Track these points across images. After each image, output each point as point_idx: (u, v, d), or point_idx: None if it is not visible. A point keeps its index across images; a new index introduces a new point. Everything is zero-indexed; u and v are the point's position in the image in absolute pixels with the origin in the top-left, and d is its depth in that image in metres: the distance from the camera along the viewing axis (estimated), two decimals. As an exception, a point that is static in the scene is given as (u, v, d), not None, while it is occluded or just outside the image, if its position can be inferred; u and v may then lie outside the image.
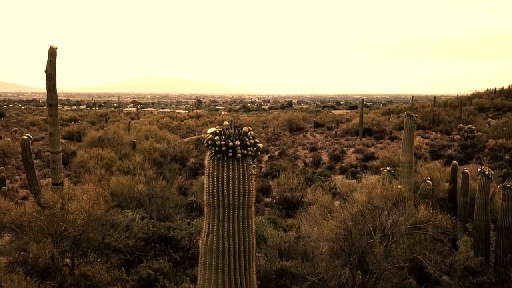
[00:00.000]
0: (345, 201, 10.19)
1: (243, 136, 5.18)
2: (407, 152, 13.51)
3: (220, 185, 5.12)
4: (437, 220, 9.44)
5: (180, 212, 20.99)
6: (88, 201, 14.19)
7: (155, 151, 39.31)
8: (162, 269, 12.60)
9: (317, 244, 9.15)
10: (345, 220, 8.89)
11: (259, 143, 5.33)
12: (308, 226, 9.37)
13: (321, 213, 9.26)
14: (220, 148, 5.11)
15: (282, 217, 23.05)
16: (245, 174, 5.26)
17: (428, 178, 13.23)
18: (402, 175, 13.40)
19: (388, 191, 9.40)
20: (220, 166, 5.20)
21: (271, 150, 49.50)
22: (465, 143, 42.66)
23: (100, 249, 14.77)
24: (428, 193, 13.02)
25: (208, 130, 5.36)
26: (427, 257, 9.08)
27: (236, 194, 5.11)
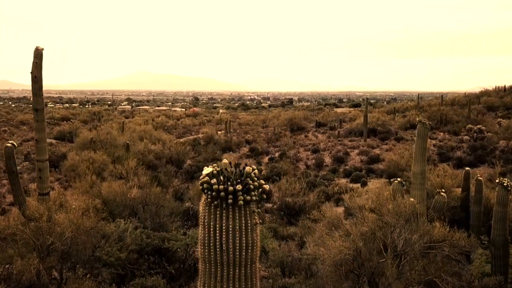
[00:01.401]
0: (353, 216, 9.73)
1: (245, 177, 4.62)
2: (419, 162, 13.07)
3: (218, 237, 4.48)
4: (454, 239, 9.00)
5: (175, 220, 20.54)
6: (76, 213, 13.73)
7: (149, 153, 38.87)
8: (156, 287, 12.15)
9: (324, 266, 8.70)
10: (354, 240, 8.44)
11: (265, 184, 4.75)
12: (314, 245, 8.94)
13: (328, 231, 8.82)
14: (217, 193, 4.55)
15: (283, 225, 22.61)
16: (248, 224, 4.57)
17: (442, 190, 12.79)
18: (414, 187, 12.97)
19: (401, 207, 8.96)
20: (217, 214, 4.55)
21: (272, 152, 49.08)
22: (475, 145, 42.25)
23: (90, 263, 14.32)
24: (442, 207, 12.58)
25: (203, 170, 4.80)
26: (443, 280, 8.64)
27: (237, 248, 4.45)
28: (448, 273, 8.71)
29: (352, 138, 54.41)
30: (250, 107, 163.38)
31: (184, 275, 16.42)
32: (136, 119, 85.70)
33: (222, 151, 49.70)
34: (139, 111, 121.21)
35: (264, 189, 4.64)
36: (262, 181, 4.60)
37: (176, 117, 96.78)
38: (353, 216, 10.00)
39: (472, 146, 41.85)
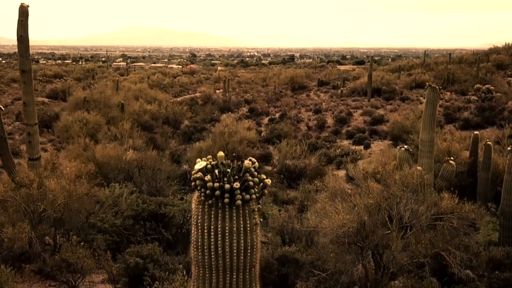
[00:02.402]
0: (355, 184, 9.52)
1: (244, 173, 4.23)
2: (428, 129, 12.75)
3: (213, 240, 4.03)
4: (463, 211, 8.82)
5: (172, 185, 20.43)
6: (69, 179, 13.56)
7: (145, 113, 38.49)
8: (152, 256, 12.08)
9: (325, 238, 8.56)
10: (359, 213, 8.26)
11: (266, 178, 4.36)
12: (316, 217, 8.77)
13: (331, 203, 8.63)
14: (212, 191, 4.09)
15: (283, 189, 22.55)
16: (247, 224, 4.09)
17: (451, 158, 12.53)
18: (421, 155, 12.71)
19: (408, 178, 8.74)
20: (212, 214, 4.09)
21: (272, 112, 48.69)
22: (483, 105, 41.83)
23: (84, 230, 14.25)
24: (451, 176, 12.37)
25: (196, 164, 4.41)
26: (451, 254, 8.52)
27: (234, 252, 4.00)
28: (455, 247, 8.58)
29: (355, 97, 53.89)
30: (250, 64, 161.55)
31: (181, 241, 16.40)
32: (131, 76, 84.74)
33: (221, 111, 49.30)
34: (134, 68, 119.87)
35: (265, 184, 4.26)
36: (263, 175, 4.22)
37: (172, 75, 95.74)
38: (356, 184, 9.79)
39: (480, 107, 41.43)
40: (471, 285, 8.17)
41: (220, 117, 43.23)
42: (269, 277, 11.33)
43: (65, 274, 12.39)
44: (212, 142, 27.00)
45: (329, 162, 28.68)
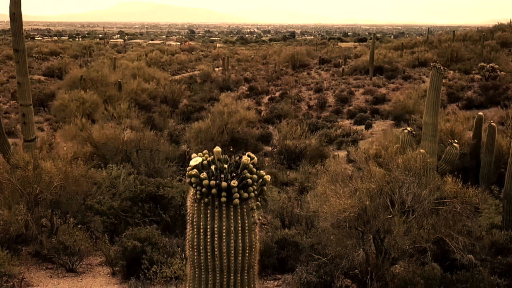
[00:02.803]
0: (357, 167, 9.44)
1: (242, 169, 4.07)
2: (432, 112, 12.61)
3: (209, 240, 3.90)
4: (467, 195, 8.75)
5: (171, 166, 20.36)
6: (65, 161, 13.47)
7: (143, 92, 38.26)
8: (150, 239, 12.05)
9: (326, 223, 8.50)
10: (361, 198, 8.19)
11: (266, 174, 4.21)
12: (317, 202, 8.69)
13: (332, 187, 8.54)
14: (208, 189, 3.96)
15: (283, 170, 22.49)
16: (245, 224, 3.97)
17: (455, 141, 12.41)
18: (425, 138, 12.57)
19: (411, 162, 8.64)
20: (208, 213, 3.94)
21: (272, 91, 48.43)
22: (486, 84, 41.55)
23: (81, 212, 14.21)
24: (454, 159, 12.27)
25: (191, 160, 4.25)
26: (454, 239, 8.47)
27: (232, 252, 3.86)
28: (458, 232, 8.53)
29: (357, 76, 53.55)
30: (250, 41, 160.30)
31: (180, 223, 16.40)
32: (129, 54, 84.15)
33: (220, 90, 49.03)
34: (132, 46, 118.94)
35: (265, 181, 4.11)
36: (262, 171, 4.07)
37: (170, 52, 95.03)
38: (358, 168, 9.70)
39: (484, 86, 41.16)
40: (474, 271, 8.13)
41: (219, 96, 43.00)
42: (268, 260, 11.34)
43: (62, 257, 12.40)
44: (211, 122, 26.86)
45: (329, 142, 28.60)
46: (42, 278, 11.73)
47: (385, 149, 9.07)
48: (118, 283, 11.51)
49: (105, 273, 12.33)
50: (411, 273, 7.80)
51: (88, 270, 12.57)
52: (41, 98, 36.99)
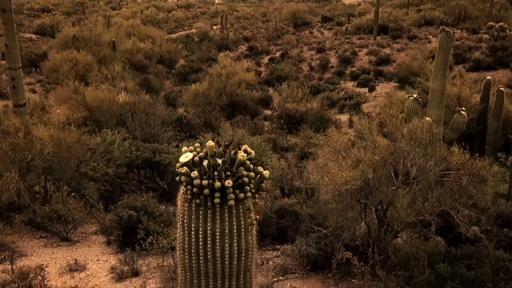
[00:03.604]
0: (362, 138, 9.26)
1: (237, 166, 3.82)
2: (439, 77, 12.30)
3: (202, 243, 3.63)
4: (474, 167, 8.60)
5: (168, 130, 20.20)
6: (57, 127, 13.30)
7: (138, 52, 37.66)
8: (146, 208, 11.98)
9: (327, 196, 8.39)
10: (364, 171, 8.04)
11: (264, 170, 3.95)
12: (317, 174, 8.55)
13: (334, 158, 8.38)
14: (201, 189, 3.67)
15: (283, 135, 22.32)
16: (241, 225, 3.67)
17: (462, 108, 12.16)
18: (431, 105, 12.32)
19: (417, 132, 8.45)
20: (201, 215, 3.65)
21: (272, 51, 47.74)
22: (495, 45, 40.85)
23: (75, 179, 14.11)
24: (461, 127, 12.06)
25: (181, 156, 3.97)
26: (459, 212, 8.37)
27: (226, 256, 3.61)
28: (464, 205, 8.43)
29: (360, 35, 52.71)
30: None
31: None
32: (124, 11, 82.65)
33: (218, 50, 48.35)
34: (126, 2, 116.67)
35: (263, 178, 3.86)
36: (259, 168, 3.82)
37: (167, 9, 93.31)
38: (361, 137, 9.51)
39: (492, 47, 40.48)
40: (479, 245, 8.07)
41: (218, 56, 42.42)
42: (267, 230, 11.30)
43: (56, 225, 12.37)
44: (209, 85, 26.52)
45: (331, 106, 28.32)
46: (36, 248, 11.72)
47: (390, 117, 8.86)
48: (114, 253, 11.51)
49: (100, 242, 12.33)
50: (415, 248, 7.72)
51: (83, 239, 12.56)
52: (32, 58, 36.42)
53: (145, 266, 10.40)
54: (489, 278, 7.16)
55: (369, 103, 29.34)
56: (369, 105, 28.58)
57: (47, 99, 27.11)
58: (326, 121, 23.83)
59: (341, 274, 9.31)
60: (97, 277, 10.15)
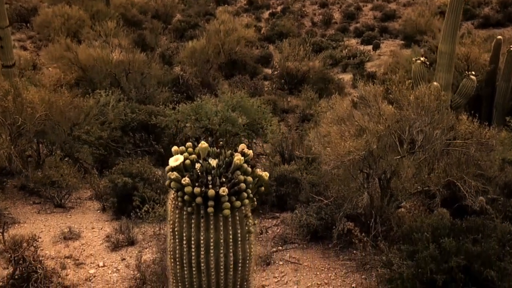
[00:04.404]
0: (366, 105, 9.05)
1: (234, 171, 3.52)
2: (449, 40, 11.95)
3: (195, 253, 3.40)
4: (483, 136, 8.42)
5: (164, 91, 19.92)
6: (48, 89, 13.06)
7: (133, 6, 36.87)
8: (141, 174, 11.87)
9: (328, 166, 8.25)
10: (368, 141, 7.87)
11: (263, 172, 3.65)
12: (319, 144, 8.39)
13: (338, 129, 8.20)
14: (192, 197, 3.34)
15: (283, 95, 22.04)
16: (237, 234, 3.45)
17: (472, 72, 11.86)
18: (439, 69, 12.00)
19: (425, 100, 8.23)
20: (193, 223, 3.39)
21: (273, 5, 46.79)
22: (506, 0, 39.96)
23: (68, 143, 13.96)
24: (470, 92, 11.80)
25: (171, 159, 3.67)
26: (466, 183, 8.26)
27: (221, 268, 3.40)
28: (471, 176, 8.31)
29: (365, -11, 51.48)
30: None
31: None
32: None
33: (216, 3, 47.37)
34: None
35: (262, 181, 3.59)
36: (258, 170, 3.54)
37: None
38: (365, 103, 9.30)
39: (503, 2, 39.60)
40: (485, 217, 7.98)
41: (216, 11, 41.60)
42: (267, 198, 11.24)
43: (49, 191, 12.31)
44: (207, 42, 26.02)
45: (334, 64, 27.91)
46: (29, 214, 11.68)
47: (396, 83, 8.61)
48: (109, 220, 11.48)
49: (95, 209, 12.29)
50: (419, 221, 7.65)
51: (77, 205, 12.52)
52: (22, 13, 35.67)
53: (141, 235, 10.37)
54: (495, 252, 7.09)
55: (373, 62, 28.92)
56: (373, 64, 28.16)
57: (38, 57, 26.69)
58: (329, 81, 23.51)
59: (342, 245, 9.29)
60: (92, 246, 10.13)
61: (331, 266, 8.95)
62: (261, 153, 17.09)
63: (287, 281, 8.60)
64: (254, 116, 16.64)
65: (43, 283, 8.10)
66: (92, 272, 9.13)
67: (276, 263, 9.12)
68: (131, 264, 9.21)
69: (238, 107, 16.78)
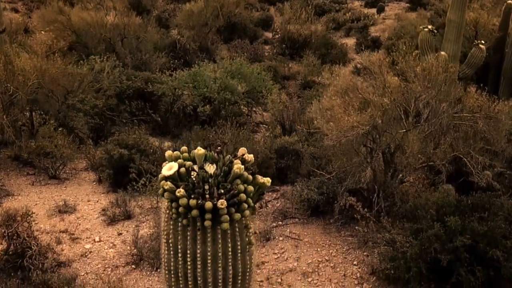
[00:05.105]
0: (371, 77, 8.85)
1: (232, 179, 3.29)
2: (457, 7, 11.58)
3: (191, 266, 3.21)
4: (492, 110, 8.25)
5: (160, 56, 19.63)
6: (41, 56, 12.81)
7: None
8: (138, 145, 11.72)
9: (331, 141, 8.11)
10: (373, 116, 7.71)
11: (264, 180, 3.42)
12: (322, 119, 8.22)
13: (341, 102, 8.01)
14: (188, 209, 3.13)
15: (284, 61, 21.71)
16: (236, 246, 3.26)
17: (481, 41, 11.55)
18: (447, 37, 11.66)
19: (432, 72, 8.01)
20: (189, 236, 3.20)
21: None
22: (516, -40, 39.05)
23: (62, 111, 13.81)
24: (479, 62, 11.54)
25: (164, 167, 3.41)
26: (473, 157, 8.14)
27: (220, 281, 3.21)
28: (478, 151, 8.19)
29: None
30: None
31: (172, 123, 16.15)
32: None
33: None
34: None
35: (263, 189, 3.38)
36: (259, 177, 3.31)
37: None
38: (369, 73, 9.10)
39: (513, -38, 38.72)
40: (491, 194, 7.89)
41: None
42: (267, 171, 11.14)
43: (43, 161, 12.22)
44: (205, 4, 25.48)
45: (337, 28, 27.45)
46: (23, 186, 11.61)
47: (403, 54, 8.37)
48: (105, 192, 11.42)
49: (90, 180, 12.21)
50: (424, 198, 7.56)
51: (73, 176, 12.42)
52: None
53: (138, 208, 10.31)
54: (502, 231, 7.03)
55: (378, 26, 28.41)
56: (378, 29, 27.68)
57: (30, 20, 26.20)
58: (331, 46, 23.14)
59: (344, 220, 9.23)
60: (88, 220, 10.08)
61: (332, 242, 8.91)
62: (261, 122, 16.95)
63: (287, 258, 8.58)
64: (254, 84, 16.44)
65: (37, 259, 8.07)
66: (88, 247, 9.10)
67: (276, 238, 9.08)
68: (127, 239, 9.19)
69: (237, 74, 16.57)
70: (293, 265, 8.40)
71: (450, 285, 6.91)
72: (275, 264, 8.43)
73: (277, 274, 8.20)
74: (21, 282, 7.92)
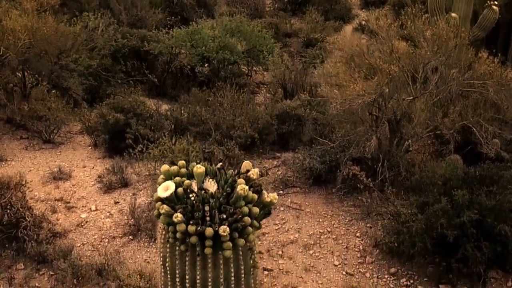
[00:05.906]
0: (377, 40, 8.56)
1: (235, 201, 3.00)
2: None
3: None
4: (504, 77, 7.99)
5: (157, 13, 19.12)
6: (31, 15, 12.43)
7: None
8: (134, 109, 11.49)
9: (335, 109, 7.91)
10: (380, 84, 7.46)
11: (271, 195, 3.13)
12: (327, 86, 7.97)
13: (346, 69, 7.73)
14: (186, 235, 2.93)
15: (286, 17, 21.19)
16: (240, 270, 3.05)
17: (495, 2, 11.11)
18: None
19: (442, 37, 7.71)
20: (187, 261, 3.00)
21: None
22: None
23: (55, 72, 13.51)
24: (491, 25, 11.15)
25: (159, 187, 3.10)
26: (482, 127, 7.95)
27: None
28: (488, 120, 7.99)
29: None
30: None
31: (170, 83, 15.91)
32: None
33: None
34: None
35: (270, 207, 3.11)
36: (265, 193, 3.01)
37: None
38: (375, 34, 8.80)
39: None
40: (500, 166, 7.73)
41: None
42: (268, 137, 11.00)
43: (37, 125, 12.04)
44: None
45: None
46: (17, 151, 11.46)
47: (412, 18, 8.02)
48: (101, 157, 11.27)
49: (86, 144, 12.04)
50: (430, 170, 7.41)
51: (67, 140, 12.24)
52: None
53: (135, 175, 10.16)
54: (510, 206, 6.92)
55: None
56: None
57: None
58: (335, 2, 22.55)
59: (347, 190, 9.11)
60: (83, 187, 9.97)
61: (334, 213, 8.82)
62: (261, 82, 16.66)
63: (288, 229, 8.50)
64: (255, 42, 16.07)
65: (32, 230, 7.98)
66: (84, 216, 9.01)
67: (276, 208, 8.96)
68: (124, 208, 9.08)
69: (237, 32, 16.17)
70: (294, 237, 8.33)
71: (455, 261, 6.84)
72: (276, 236, 8.35)
73: (277, 246, 8.13)
74: (16, 253, 7.86)
